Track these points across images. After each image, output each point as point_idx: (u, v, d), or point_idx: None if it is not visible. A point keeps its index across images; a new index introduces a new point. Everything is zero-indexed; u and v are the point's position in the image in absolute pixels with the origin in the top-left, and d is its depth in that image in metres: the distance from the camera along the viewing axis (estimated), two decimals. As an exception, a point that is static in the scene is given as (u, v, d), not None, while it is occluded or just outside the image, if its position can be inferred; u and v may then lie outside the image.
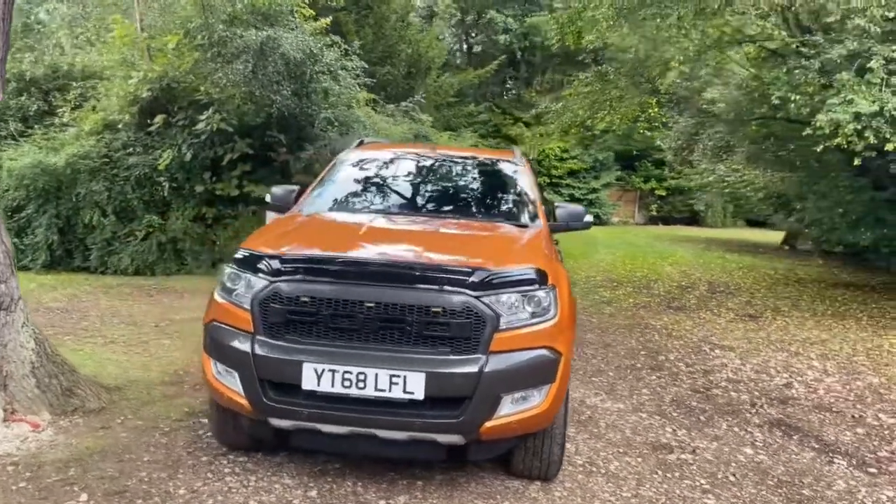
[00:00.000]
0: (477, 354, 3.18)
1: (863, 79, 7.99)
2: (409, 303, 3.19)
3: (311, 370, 3.17)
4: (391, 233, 3.99)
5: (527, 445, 3.60)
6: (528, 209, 4.59)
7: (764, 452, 4.54)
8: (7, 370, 4.17)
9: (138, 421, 4.42)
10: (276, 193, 4.85)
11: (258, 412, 3.31)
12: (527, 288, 3.33)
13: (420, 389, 3.12)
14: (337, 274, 3.29)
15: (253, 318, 3.32)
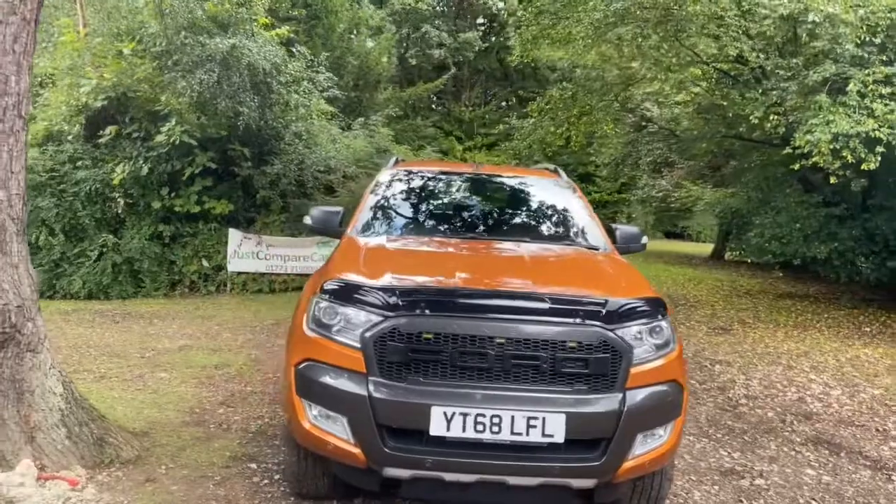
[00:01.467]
0: (615, 392, 2.99)
1: (836, 101, 8.35)
2: (544, 337, 2.96)
3: (439, 414, 2.89)
4: (482, 260, 3.74)
5: (640, 484, 3.43)
6: (595, 231, 4.45)
7: (825, 472, 4.56)
8: (35, 420, 3.65)
9: (183, 470, 3.97)
10: (317, 216, 4.50)
11: (374, 462, 2.99)
12: (652, 319, 3.17)
13: (560, 432, 2.90)
14: (463, 308, 3.02)
15: (366, 357, 3.00)
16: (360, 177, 11.73)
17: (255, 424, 4.85)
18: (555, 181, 5.02)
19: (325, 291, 3.23)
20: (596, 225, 4.54)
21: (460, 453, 2.93)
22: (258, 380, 5.97)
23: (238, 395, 5.49)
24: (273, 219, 11.17)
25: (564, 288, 3.28)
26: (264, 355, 6.85)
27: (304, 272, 11.04)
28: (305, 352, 3.21)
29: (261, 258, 10.81)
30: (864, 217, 11.69)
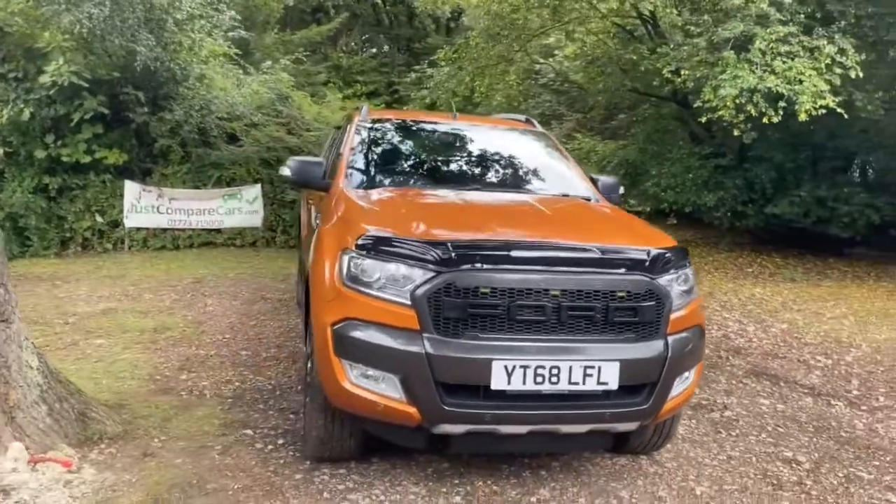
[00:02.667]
0: (659, 338, 3.10)
1: (741, 58, 8.89)
2: (596, 288, 3.00)
3: (500, 368, 2.87)
4: (505, 212, 3.67)
5: (660, 423, 3.59)
6: (584, 182, 4.52)
7: (777, 401, 5.00)
8: (14, 398, 3.23)
9: (179, 442, 3.70)
10: (298, 168, 4.24)
11: (430, 419, 2.93)
12: (682, 267, 3.30)
13: (615, 379, 2.97)
14: (519, 261, 2.98)
15: (419, 313, 2.90)
16: (266, 125, 11.13)
17: (229, 389, 4.59)
18: (533, 131, 5.02)
19: (363, 247, 3.06)
20: (583, 176, 4.61)
21: (518, 405, 2.94)
22: (208, 342, 5.62)
23: (194, 360, 5.15)
24: (173, 170, 10.37)
25: (601, 239, 3.31)
26: (200, 316, 6.45)
27: (211, 227, 10.43)
28: (343, 311, 3.05)
29: (162, 212, 10.05)
30: (745, 167, 12.68)
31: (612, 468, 3.72)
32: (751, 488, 3.59)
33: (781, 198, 12.31)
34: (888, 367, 6.08)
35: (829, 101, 8.41)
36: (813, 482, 3.70)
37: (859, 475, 3.82)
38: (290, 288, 7.83)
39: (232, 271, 8.75)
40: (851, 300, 9.02)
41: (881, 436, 4.46)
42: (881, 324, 7.80)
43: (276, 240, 10.73)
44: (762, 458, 3.98)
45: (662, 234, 3.46)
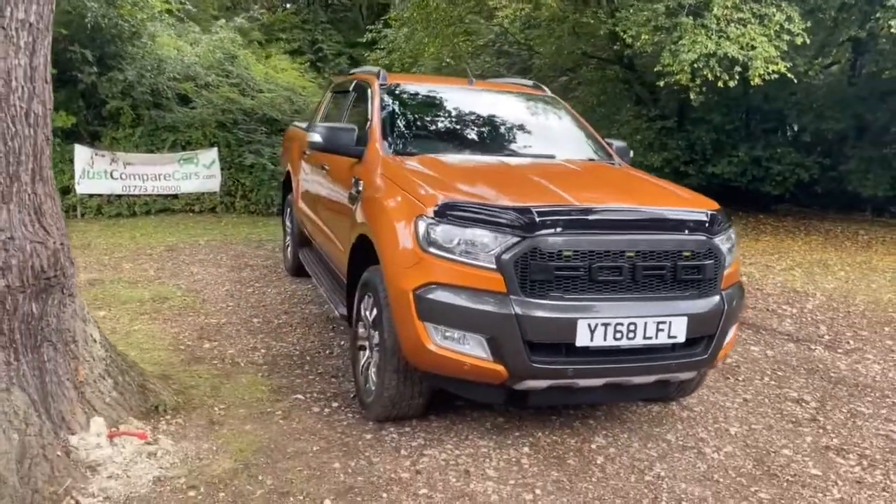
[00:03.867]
0: (716, 294, 3.36)
1: (697, 24, 9.27)
2: (666, 248, 3.21)
3: (584, 326, 3.05)
4: (558, 176, 3.80)
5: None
6: (603, 146, 4.72)
7: (765, 348, 5.44)
8: (83, 373, 3.18)
9: (239, 409, 3.72)
10: (329, 135, 4.25)
11: (518, 377, 3.09)
12: (728, 227, 3.56)
13: (682, 333, 3.21)
14: (597, 225, 3.15)
15: (506, 277, 3.03)
16: (219, 85, 10.75)
17: (259, 356, 4.60)
18: (546, 97, 5.16)
19: (442, 213, 3.15)
20: (600, 139, 4.81)
21: (597, 360, 3.15)
22: (214, 311, 5.55)
23: (210, 329, 5.10)
24: (124, 133, 9.90)
25: (660, 202, 3.54)
26: (193, 285, 6.33)
27: (167, 192, 10.07)
28: (426, 276, 3.15)
29: (115, 178, 9.60)
30: (687, 129, 13.27)
31: (649, 415, 4.01)
32: (775, 426, 3.96)
33: (720, 158, 12.99)
34: (844, 313, 6.67)
35: (780, 67, 8.93)
36: (824, 418, 4.11)
37: (860, 410, 4.27)
38: (270, 255, 7.75)
39: (201, 238, 8.54)
40: (793, 253, 9.73)
41: (864, 375, 4.95)
42: (825, 273, 8.49)
43: (236, 205, 10.49)
44: (773, 400, 4.37)
45: (704, 197, 3.71)
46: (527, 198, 3.29)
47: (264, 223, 9.85)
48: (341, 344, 4.92)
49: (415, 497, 2.99)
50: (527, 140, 4.58)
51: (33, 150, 2.75)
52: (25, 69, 2.68)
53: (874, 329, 6.15)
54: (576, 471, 3.30)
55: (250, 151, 10.40)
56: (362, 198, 3.93)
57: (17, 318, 2.68)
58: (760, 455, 3.59)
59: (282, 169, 7.32)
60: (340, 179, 4.50)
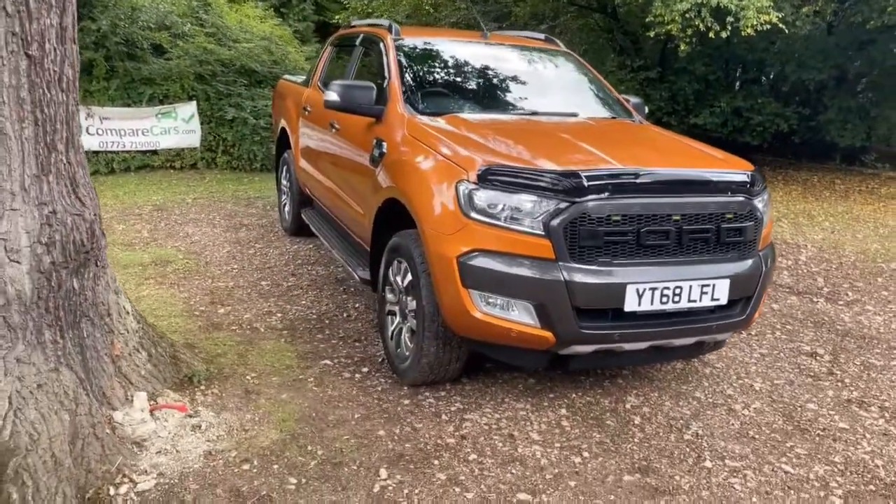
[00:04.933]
0: (755, 255, 3.38)
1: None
2: (709, 211, 3.21)
3: (633, 291, 3.05)
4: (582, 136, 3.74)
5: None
6: (621, 103, 4.67)
7: (770, 301, 5.54)
8: (119, 347, 3.08)
9: (272, 377, 3.68)
10: (347, 93, 4.09)
11: (565, 342, 3.09)
12: (764, 189, 3.56)
13: (725, 295, 3.24)
14: (643, 188, 3.11)
15: (554, 243, 3.00)
16: (196, 35, 10.31)
17: (276, 321, 4.53)
18: (562, 52, 5.06)
19: (485, 178, 3.09)
20: (618, 96, 4.75)
21: (643, 324, 3.16)
22: (220, 274, 5.43)
23: (220, 293, 4.99)
24: (98, 86, 9.46)
25: (698, 164, 3.53)
26: (192, 247, 6.16)
27: (146, 148, 9.72)
28: (470, 242, 3.10)
29: (92, 133, 9.21)
30: (669, 80, 13.24)
31: (674, 373, 4.08)
32: (796, 381, 4.06)
33: (702, 109, 13.03)
34: (837, 264, 6.83)
35: (772, 17, 8.89)
36: (840, 372, 4.23)
37: (872, 363, 4.40)
38: (264, 213, 7.58)
39: (188, 196, 8.30)
40: (776, 204, 9.87)
41: (868, 326, 5.09)
42: (812, 224, 8.67)
43: (218, 161, 10.18)
44: (789, 354, 4.48)
45: (737, 158, 3.69)
46: (568, 160, 3.24)
47: (249, 179, 9.61)
48: (356, 306, 4.87)
49: (466, 463, 3.00)
50: (548, 97, 4.48)
51: (66, 116, 2.59)
52: (57, 29, 2.50)
53: (868, 280, 6.31)
54: (617, 432, 3.35)
55: (230, 105, 10.05)
56: (387, 160, 3.83)
57: (60, 295, 2.57)
58: (788, 410, 3.68)
59: (275, 125, 7.09)
60: (357, 140, 4.37)
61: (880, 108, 12.36)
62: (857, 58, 12.29)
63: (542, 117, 4.14)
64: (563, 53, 5.03)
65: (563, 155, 3.33)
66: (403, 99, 4.06)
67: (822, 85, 12.88)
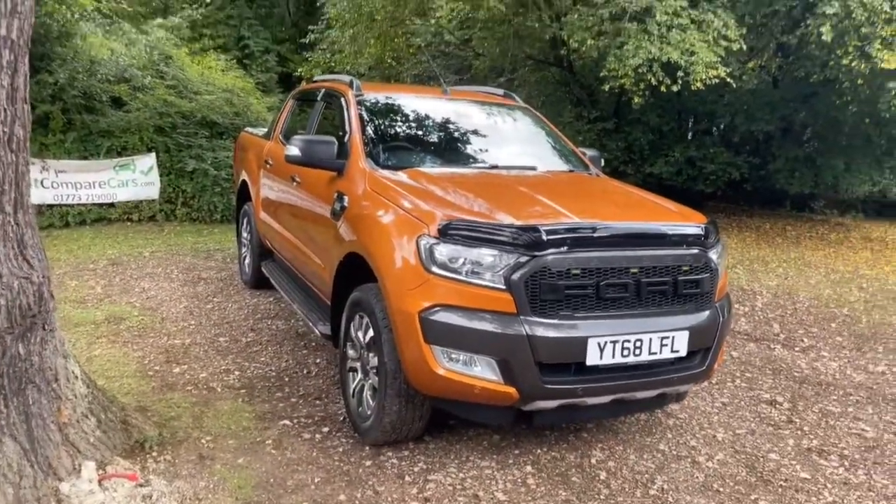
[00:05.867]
0: (712, 307, 3.43)
1: (640, 29, 9.48)
2: (666, 263, 3.25)
3: (594, 345, 3.06)
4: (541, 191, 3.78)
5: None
6: (578, 156, 4.76)
7: (730, 349, 5.61)
8: (67, 414, 2.96)
9: (228, 440, 3.55)
10: (308, 148, 4.08)
11: (529, 398, 3.07)
12: (718, 240, 3.63)
13: (684, 347, 3.26)
14: (602, 242, 3.14)
15: (516, 297, 3.00)
16: (156, 87, 10.28)
17: (234, 380, 4.41)
18: (520, 107, 5.16)
19: (446, 233, 3.09)
20: (574, 149, 4.85)
21: (605, 377, 3.16)
22: (176, 331, 5.29)
23: (176, 351, 4.86)
24: (55, 139, 9.31)
25: (654, 217, 3.58)
26: (147, 302, 6.02)
27: (102, 200, 9.55)
28: (432, 296, 3.08)
29: (47, 187, 9.04)
30: (625, 130, 13.61)
31: (638, 425, 4.07)
32: (757, 430, 4.09)
33: (657, 158, 13.40)
34: (792, 310, 6.98)
35: (720, 72, 9.25)
36: (800, 420, 4.27)
37: (830, 409, 4.46)
38: (223, 266, 7.47)
39: (145, 250, 8.15)
40: (732, 251, 10.11)
41: (824, 373, 5.18)
42: (766, 270, 8.88)
43: (177, 213, 10.05)
44: (749, 402, 4.51)
45: (690, 210, 3.77)
46: (528, 214, 3.27)
47: (209, 231, 9.50)
48: (317, 362, 4.78)
49: (430, 526, 2.92)
50: (507, 151, 4.55)
51: (15, 176, 2.53)
52: (8, 90, 2.45)
53: (822, 326, 6.45)
54: (583, 489, 3.30)
55: (191, 156, 9.99)
56: (349, 214, 3.81)
57: (4, 362, 2.46)
58: (750, 461, 3.69)
59: (236, 177, 7.05)
60: (318, 193, 4.36)
61: (825, 158, 12.86)
62: (801, 110, 12.82)
63: (502, 171, 4.19)
64: (521, 108, 5.13)
65: (523, 209, 3.36)
66: (365, 153, 4.08)
67: (770, 135, 13.37)
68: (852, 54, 9.56)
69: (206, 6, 31.81)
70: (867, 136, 12.67)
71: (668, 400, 3.64)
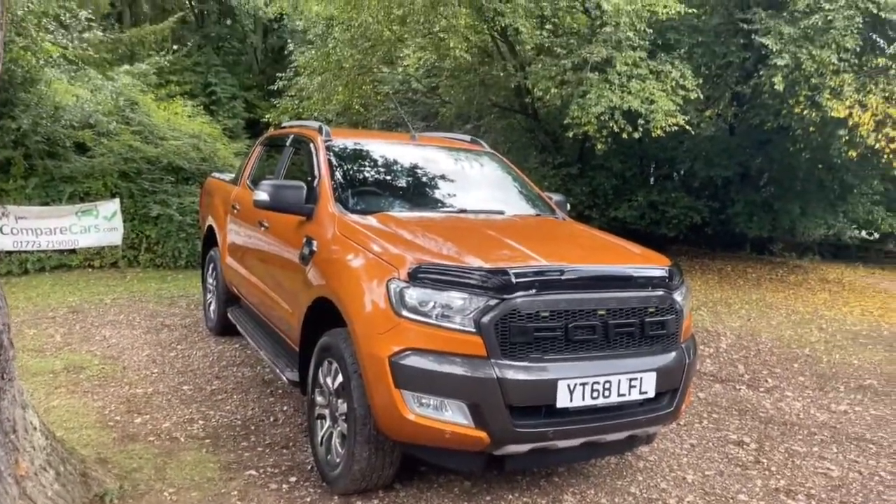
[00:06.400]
0: (678, 348, 3.48)
1: (601, 79, 9.78)
2: (633, 305, 3.30)
3: (564, 387, 3.07)
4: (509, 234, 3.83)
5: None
6: (544, 200, 4.84)
7: (696, 390, 5.67)
8: (24, 466, 2.86)
9: (192, 492, 3.45)
10: (277, 193, 4.09)
11: (500, 442, 3.05)
12: (682, 282, 3.70)
13: (652, 388, 3.29)
14: (570, 284, 3.18)
15: (486, 340, 3.01)
16: (121, 133, 10.23)
17: (198, 429, 4.31)
18: (487, 152, 5.26)
19: (415, 276, 3.10)
20: (540, 193, 4.94)
21: (575, 420, 3.16)
22: (138, 379, 5.17)
23: (138, 400, 4.74)
24: (16, 185, 9.16)
25: (620, 259, 3.65)
26: (108, 350, 5.87)
27: (64, 247, 9.38)
28: (402, 341, 3.08)
29: (6, 233, 8.84)
30: (590, 175, 13.89)
31: (608, 467, 4.07)
32: (725, 471, 4.11)
33: (621, 202, 13.67)
34: (755, 351, 7.09)
35: (679, 120, 9.55)
36: (767, 460, 4.31)
37: (795, 449, 4.51)
38: (188, 313, 7.35)
39: (106, 297, 7.98)
40: (696, 293, 10.29)
41: (788, 413, 5.25)
42: (729, 312, 9.04)
43: (140, 259, 9.90)
44: (717, 443, 4.55)
45: (654, 252, 3.86)
46: (496, 257, 3.30)
47: (173, 277, 9.36)
48: (284, 410, 4.70)
49: (401, 577, 2.86)
50: (475, 195, 4.62)
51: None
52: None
53: (784, 366, 6.57)
54: (555, 533, 3.27)
55: (156, 202, 9.90)
56: (318, 258, 3.81)
57: (-41, 414, 2.38)
58: (720, 502, 3.70)
59: (202, 222, 7.00)
60: (287, 238, 4.35)
61: (781, 202, 13.26)
62: (757, 156, 13.26)
63: (470, 215, 4.24)
64: (488, 154, 5.22)
65: (492, 252, 3.40)
66: (334, 198, 4.10)
67: (728, 180, 13.75)
68: (803, 103, 9.98)
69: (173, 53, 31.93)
70: (820, 181, 13.14)
71: (638, 442, 3.66)
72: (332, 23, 13.23)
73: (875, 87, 9.70)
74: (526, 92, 12.19)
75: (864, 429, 4.96)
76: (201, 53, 31.63)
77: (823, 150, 11.56)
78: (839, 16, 9.33)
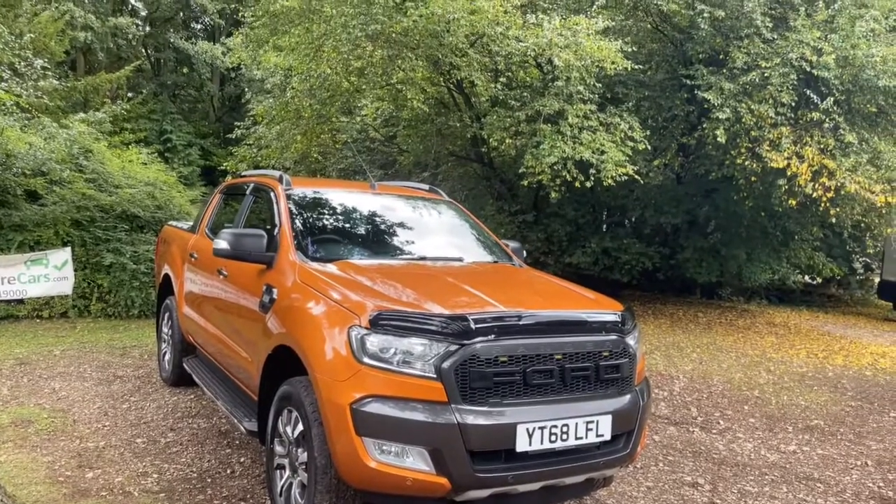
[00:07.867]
0: (632, 390, 3.59)
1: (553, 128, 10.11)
2: (588, 349, 3.40)
3: (523, 431, 3.13)
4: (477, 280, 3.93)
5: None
6: (501, 248, 4.97)
7: (651, 433, 5.78)
8: (-29, 524, 2.77)
9: (147, 547, 3.37)
10: (238, 242, 4.13)
11: (461, 488, 3.08)
12: (635, 326, 3.84)
13: (608, 431, 3.38)
14: (527, 330, 3.28)
15: (446, 385, 3.07)
16: (74, 181, 10.09)
17: (152, 483, 4.22)
18: (445, 201, 5.39)
19: (377, 323, 3.16)
20: (497, 241, 5.07)
21: (534, 464, 3.22)
22: (89, 433, 5.03)
23: (90, 454, 4.61)
24: (-38, 233, 8.95)
25: (574, 305, 3.78)
26: (58, 403, 5.71)
27: (11, 297, 9.07)
28: (363, 388, 3.11)
29: (-51, 283, 8.59)
30: (544, 223, 14.18)
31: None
32: (681, 512, 4.20)
33: (575, 249, 13.96)
34: (707, 394, 7.27)
35: (629, 170, 9.89)
36: (721, 501, 4.42)
37: (748, 490, 4.63)
38: (141, 363, 7.20)
39: (55, 348, 7.77)
40: (649, 337, 10.51)
41: (740, 454, 5.40)
42: (682, 356, 9.25)
43: (91, 308, 9.67)
44: (672, 485, 4.64)
45: (607, 298, 3.99)
46: (455, 303, 3.39)
47: (126, 327, 9.16)
48: (241, 461, 4.63)
49: None
50: (434, 243, 4.72)
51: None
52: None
53: (736, 408, 6.74)
54: (516, 579, 3.29)
55: (109, 250, 9.74)
56: (278, 306, 3.83)
57: None
58: (677, 543, 3.77)
59: (157, 271, 6.92)
60: (246, 286, 4.36)
61: (728, 248, 13.72)
62: (704, 204, 13.75)
63: (429, 262, 4.34)
64: (446, 202, 5.35)
65: (451, 298, 3.48)
66: (294, 246, 4.15)
67: (677, 227, 14.20)
68: (745, 155, 10.46)
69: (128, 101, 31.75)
70: (764, 228, 13.67)
71: (596, 485, 3.72)
72: (290, 73, 13.42)
73: (811, 139, 10.24)
74: (482, 142, 12.49)
75: (812, 468, 5.13)
76: (157, 101, 31.48)
77: (765, 199, 12.06)
78: (775, 73, 9.89)
